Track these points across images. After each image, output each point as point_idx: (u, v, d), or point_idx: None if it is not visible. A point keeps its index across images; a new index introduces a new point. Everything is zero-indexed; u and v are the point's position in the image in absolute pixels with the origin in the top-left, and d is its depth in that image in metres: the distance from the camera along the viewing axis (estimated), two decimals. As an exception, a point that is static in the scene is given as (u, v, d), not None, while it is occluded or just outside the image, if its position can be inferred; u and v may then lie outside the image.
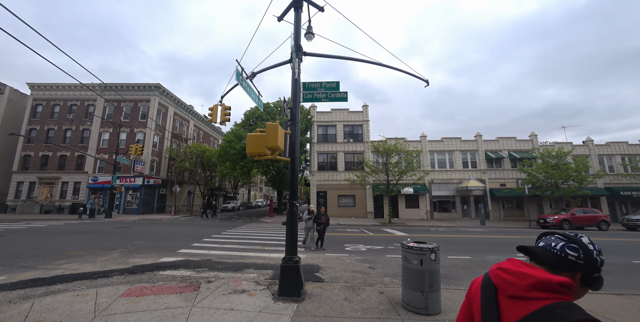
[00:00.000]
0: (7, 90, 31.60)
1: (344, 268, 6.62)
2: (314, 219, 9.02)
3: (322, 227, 9.02)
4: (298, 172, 5.00)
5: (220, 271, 6.23)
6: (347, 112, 28.30)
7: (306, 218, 8.98)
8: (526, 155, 25.99)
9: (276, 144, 4.20)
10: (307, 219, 8.99)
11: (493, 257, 8.07)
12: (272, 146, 4.23)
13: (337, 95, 5.42)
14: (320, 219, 9.00)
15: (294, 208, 4.77)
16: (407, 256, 4.05)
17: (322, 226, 9.01)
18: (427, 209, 26.03)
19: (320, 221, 8.98)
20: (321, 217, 9.01)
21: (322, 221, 8.99)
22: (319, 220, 8.99)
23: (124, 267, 6.29)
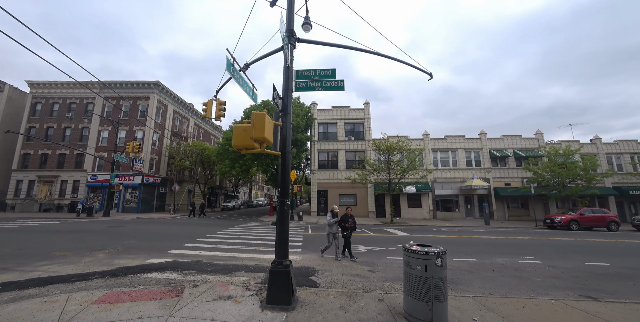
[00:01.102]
0: (6, 88, 31.45)
1: (341, 271, 6.19)
2: (338, 223, 7.47)
3: (349, 233, 7.45)
4: (290, 167, 4.57)
5: (208, 273, 5.83)
6: (349, 109, 27.82)
7: (331, 222, 7.38)
8: (532, 153, 25.37)
9: (262, 135, 3.77)
10: (333, 223, 7.38)
11: (501, 260, 7.59)
12: (258, 138, 3.80)
13: (332, 84, 4.97)
14: (347, 222, 7.42)
15: (284, 207, 4.34)
16: (409, 260, 3.61)
17: (349, 231, 7.44)
18: (430, 209, 25.52)
19: (348, 225, 7.42)
20: (348, 220, 7.42)
21: (349, 224, 7.44)
22: (346, 223, 7.41)
23: (107, 269, 5.91)
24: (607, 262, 7.52)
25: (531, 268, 6.75)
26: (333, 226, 7.42)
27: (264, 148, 4.17)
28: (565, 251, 9.36)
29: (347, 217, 7.46)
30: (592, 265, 7.24)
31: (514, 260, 7.59)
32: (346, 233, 7.45)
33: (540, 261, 7.60)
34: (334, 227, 7.42)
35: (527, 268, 6.75)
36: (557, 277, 6.06)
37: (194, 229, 13.56)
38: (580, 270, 6.70)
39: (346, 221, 7.42)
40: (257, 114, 3.87)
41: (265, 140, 3.88)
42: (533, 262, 7.43)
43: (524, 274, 6.20)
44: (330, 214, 7.54)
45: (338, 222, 7.41)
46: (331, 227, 7.45)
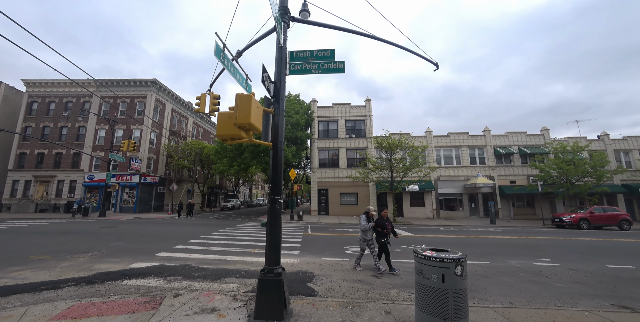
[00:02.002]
0: (2, 87, 31.05)
1: (342, 276, 5.62)
2: (374, 227, 6.23)
3: (387, 239, 6.15)
4: (282, 159, 3.99)
5: (195, 279, 5.27)
6: (349, 106, 27.22)
7: (367, 227, 6.09)
8: (538, 150, 24.69)
9: (248, 121, 3.20)
10: (369, 228, 6.13)
11: (515, 263, 7.00)
12: (242, 123, 3.23)
13: (331, 66, 4.39)
14: (384, 227, 6.14)
15: (276, 205, 3.77)
16: (422, 268, 3.03)
17: (387, 237, 6.17)
18: (433, 208, 24.92)
19: (386, 231, 6.13)
20: (385, 224, 6.16)
21: (388, 229, 6.17)
22: (383, 229, 6.11)
23: (84, 276, 5.37)
24: (632, 265, 6.92)
25: (550, 272, 6.15)
26: (368, 232, 6.19)
27: (252, 137, 3.60)
28: (581, 252, 8.75)
29: (383, 220, 6.22)
30: (616, 268, 6.65)
31: (529, 262, 7.00)
32: (384, 240, 6.11)
33: (557, 263, 7.01)
34: (369, 233, 6.21)
35: (546, 272, 6.16)
36: (581, 282, 5.47)
37: (189, 229, 13.02)
38: (604, 274, 6.10)
39: (383, 225, 6.13)
40: (241, 95, 3.30)
41: (252, 127, 3.31)
42: (551, 265, 6.83)
43: (544, 279, 5.61)
44: (365, 216, 6.23)
45: (374, 226, 6.19)
46: (365, 233, 6.18)
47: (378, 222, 6.21)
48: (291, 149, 23.08)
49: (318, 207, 25.34)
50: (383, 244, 6.12)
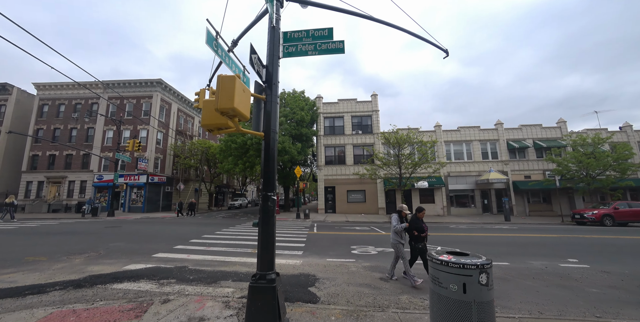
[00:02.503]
0: (14, 91, 31.74)
1: (347, 279, 5.17)
2: (408, 229, 5.24)
3: (424, 245, 5.14)
4: (275, 151, 3.56)
5: (189, 283, 4.92)
6: (355, 102, 26.60)
7: (399, 228, 5.15)
8: (554, 143, 23.52)
9: (231, 106, 2.76)
10: (401, 230, 5.19)
11: (538, 264, 6.39)
12: (225, 109, 2.79)
13: (330, 46, 3.92)
14: (421, 229, 5.10)
15: (268, 203, 3.34)
16: (438, 275, 2.55)
17: (424, 242, 5.14)
18: (444, 204, 24.13)
19: (423, 234, 5.10)
20: (422, 226, 5.14)
21: (425, 232, 5.15)
22: (420, 232, 5.09)
23: (75, 278, 5.10)
24: (672, 266, 6.21)
25: (580, 275, 5.54)
26: (403, 234, 5.27)
27: (239, 126, 3.16)
28: (610, 251, 8.02)
29: (420, 222, 5.19)
30: (653, 269, 5.96)
31: (554, 264, 6.38)
32: (421, 246, 5.09)
33: (586, 264, 6.36)
34: (405, 235, 5.31)
35: (575, 275, 5.54)
36: (617, 287, 4.85)
37: (192, 229, 12.81)
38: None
39: (420, 227, 5.11)
40: (224, 76, 2.87)
41: (237, 112, 2.87)
42: (579, 266, 6.19)
43: (574, 283, 5.02)
44: (397, 216, 5.32)
45: (408, 228, 5.20)
46: (400, 236, 5.22)
47: (414, 224, 5.16)
48: (296, 147, 22.69)
49: (325, 205, 24.92)
50: (418, 251, 5.12)
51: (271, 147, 3.50)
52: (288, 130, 22.89)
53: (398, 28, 5.42)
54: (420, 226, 5.13)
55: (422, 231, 5.10)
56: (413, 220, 5.24)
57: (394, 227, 5.25)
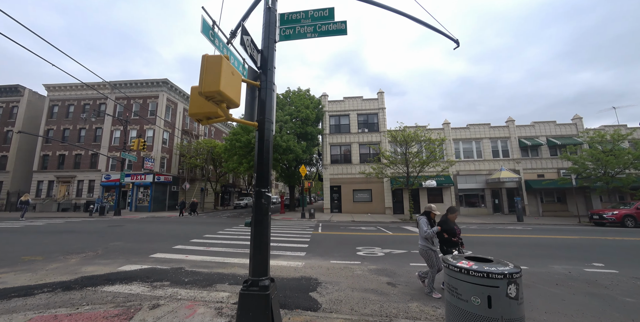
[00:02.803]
0: (26, 92, 32.42)
1: (352, 284, 4.80)
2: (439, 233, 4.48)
3: (459, 250, 4.43)
4: (271, 143, 3.22)
5: (183, 286, 4.63)
6: (361, 100, 26.12)
7: (430, 233, 4.34)
8: (570, 141, 22.55)
9: (217, 89, 2.43)
10: (433, 234, 4.35)
11: (560, 268, 5.89)
12: (210, 93, 2.46)
13: (330, 28, 3.55)
14: (453, 232, 4.40)
15: (262, 200, 3.00)
16: (457, 285, 2.16)
17: (457, 248, 4.43)
18: (453, 204, 23.43)
19: (455, 238, 4.40)
20: (454, 229, 4.43)
21: (456, 235, 4.43)
22: (452, 236, 4.39)
23: (66, 280, 4.88)
24: None
25: (609, 281, 5.03)
26: (434, 240, 4.49)
27: (229, 114, 2.83)
28: (638, 255, 7.42)
29: (452, 224, 4.44)
30: (691, 276, 5.39)
31: (578, 268, 5.86)
32: (454, 252, 4.37)
33: (614, 269, 5.82)
34: (436, 241, 4.51)
35: (604, 281, 5.04)
36: (654, 295, 4.34)
37: (195, 228, 12.63)
38: (680, 283, 4.90)
39: (452, 230, 4.37)
40: (209, 56, 2.54)
41: (224, 97, 2.54)
42: (606, 271, 5.67)
43: (604, 291, 4.52)
44: (425, 219, 4.53)
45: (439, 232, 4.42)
46: (431, 241, 4.43)
47: (444, 225, 4.42)
48: (301, 145, 22.40)
49: (331, 204, 24.56)
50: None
51: (266, 138, 3.16)
52: (293, 128, 22.61)
53: (405, 15, 5.01)
54: (451, 228, 4.40)
55: (453, 234, 4.38)
56: (443, 222, 4.52)
57: (424, 233, 4.39)
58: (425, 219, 4.56)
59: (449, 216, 4.57)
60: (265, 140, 3.15)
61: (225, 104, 2.67)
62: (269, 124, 3.22)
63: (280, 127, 21.76)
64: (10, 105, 31.96)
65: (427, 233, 4.39)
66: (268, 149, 3.16)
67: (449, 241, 4.41)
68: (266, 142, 3.15)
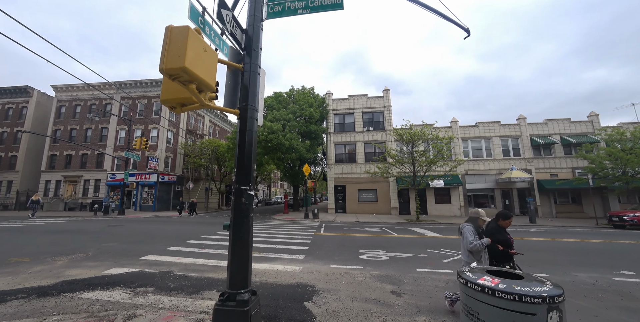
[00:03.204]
0: (35, 93, 32.90)
1: (352, 292, 4.35)
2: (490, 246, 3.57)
3: (512, 266, 3.57)
4: (254, 134, 2.79)
5: (167, 293, 4.26)
6: (366, 98, 25.57)
7: (479, 245, 3.40)
8: (585, 139, 21.55)
9: (181, 65, 2.01)
10: (482, 247, 3.42)
11: (586, 276, 5.30)
12: (172, 69, 2.05)
13: (325, 1, 3.11)
14: (508, 243, 3.52)
15: (242, 199, 2.58)
16: (477, 308, 1.69)
17: (512, 264, 3.58)
18: (461, 204, 22.70)
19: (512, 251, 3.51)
20: (508, 239, 3.56)
21: (512, 246, 3.56)
22: (507, 247, 3.50)
23: (45, 285, 4.56)
24: None
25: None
26: (482, 254, 3.55)
27: (204, 99, 2.42)
28: (669, 260, 6.74)
29: (504, 232, 3.57)
30: None
31: (606, 277, 5.27)
32: (509, 267, 3.44)
33: (646, 277, 5.21)
34: (484, 256, 3.55)
35: (639, 293, 4.45)
36: (701, 310, 3.75)
37: (194, 228, 12.34)
38: None
39: (504, 239, 3.47)
40: (173, 27, 2.13)
41: (193, 77, 2.12)
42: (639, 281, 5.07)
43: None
44: (472, 227, 3.57)
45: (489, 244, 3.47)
46: (479, 255, 3.53)
47: (496, 234, 3.50)
48: (305, 144, 21.99)
49: (335, 204, 24.09)
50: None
51: (248, 128, 2.74)
52: (296, 127, 22.22)
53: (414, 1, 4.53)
54: (505, 238, 3.48)
55: (508, 245, 3.45)
56: (494, 229, 3.60)
57: (470, 245, 3.40)
58: (472, 228, 3.58)
59: (502, 222, 3.60)
60: (247, 131, 2.73)
61: (195, 85, 2.25)
62: (253, 111, 2.80)
63: (283, 125, 21.40)
64: (19, 106, 32.48)
65: (474, 245, 3.38)
66: (251, 141, 2.74)
67: (504, 254, 3.42)
68: (249, 133, 2.73)
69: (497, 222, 3.69)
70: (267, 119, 22.21)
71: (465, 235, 3.60)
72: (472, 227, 3.62)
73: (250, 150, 2.72)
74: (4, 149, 31.37)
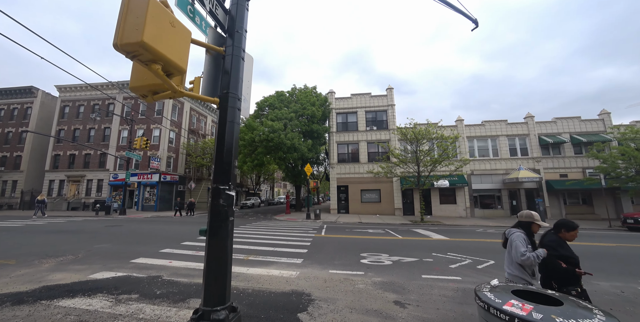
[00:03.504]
0: (39, 93, 33.11)
1: (351, 302, 3.98)
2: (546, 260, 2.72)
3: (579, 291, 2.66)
4: (236, 127, 2.45)
5: (152, 300, 3.94)
6: (369, 96, 25.14)
7: (533, 258, 2.64)
8: (597, 138, 20.84)
9: (139, 39, 1.66)
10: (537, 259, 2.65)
11: (608, 285, 4.86)
12: (127, 44, 1.70)
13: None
14: (572, 260, 2.70)
15: (220, 200, 2.24)
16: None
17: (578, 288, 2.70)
18: (467, 205, 22.15)
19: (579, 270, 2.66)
20: (571, 251, 2.76)
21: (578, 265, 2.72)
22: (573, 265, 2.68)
23: (24, 290, 4.28)
24: None
25: (677, 304, 4.00)
26: (535, 269, 2.85)
27: (173, 84, 2.07)
28: (696, 267, 6.24)
29: (565, 244, 2.82)
30: None
31: (631, 287, 4.82)
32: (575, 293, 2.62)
33: (675, 287, 4.75)
34: (536, 271, 2.86)
35: (670, 304, 4.01)
36: None
37: (192, 229, 12.08)
38: None
39: (568, 256, 2.72)
40: (131, -4, 1.79)
41: (156, 55, 1.78)
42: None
43: (676, 319, 3.52)
44: (523, 235, 2.87)
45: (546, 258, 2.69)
46: (531, 271, 2.81)
47: (558, 249, 2.75)
48: (307, 143, 21.66)
49: (338, 205, 23.70)
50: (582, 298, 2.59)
51: (229, 119, 2.39)
52: (298, 126, 21.90)
53: None
54: (571, 255, 2.72)
55: (575, 263, 2.68)
56: (555, 243, 2.80)
57: (522, 257, 2.64)
58: (524, 236, 2.83)
59: (565, 234, 2.83)
60: (228, 122, 2.39)
61: (161, 66, 1.91)
62: (235, 100, 2.45)
63: (284, 124, 21.10)
64: (24, 106, 32.72)
65: (526, 258, 2.60)
66: (232, 134, 2.39)
67: (569, 274, 2.63)
68: (229, 125, 2.39)
69: (557, 233, 2.90)
70: (268, 118, 21.94)
71: (515, 244, 2.78)
72: (523, 235, 2.85)
73: (231, 144, 2.38)
74: (9, 149, 31.62)
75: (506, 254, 3.01)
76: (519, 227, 3.03)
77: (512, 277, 2.90)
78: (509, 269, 2.94)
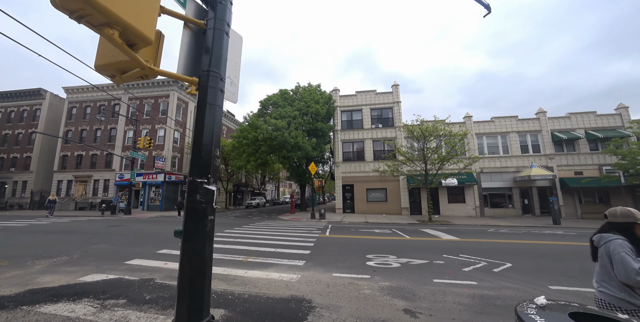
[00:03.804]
0: (47, 95, 33.62)
1: (355, 310, 3.60)
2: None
3: None
4: (219, 110, 2.10)
5: (139, 306, 3.64)
6: (375, 94, 24.64)
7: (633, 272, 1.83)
8: (614, 133, 19.92)
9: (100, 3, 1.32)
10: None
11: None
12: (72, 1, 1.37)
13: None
14: None
15: (196, 196, 1.89)
16: None
17: None
18: (476, 204, 21.48)
19: None
20: None
21: None
22: None
23: (8, 294, 4.04)
24: None
25: None
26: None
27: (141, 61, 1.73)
28: None
29: None
30: None
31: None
32: None
33: None
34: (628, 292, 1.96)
35: None
36: None
37: (196, 229, 11.84)
38: None
39: None
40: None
41: (108, 15, 1.43)
42: None
43: None
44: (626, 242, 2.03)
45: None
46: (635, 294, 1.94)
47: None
48: (311, 142, 21.32)
49: (343, 204, 23.30)
50: None
51: (209, 101, 2.04)
52: (302, 124, 21.58)
53: None
54: None
55: None
56: None
57: (632, 272, 1.87)
58: (628, 244, 2.03)
59: None
60: (208, 105, 2.04)
61: (118, 32, 1.56)
62: (217, 80, 2.10)
63: (288, 123, 20.79)
64: (33, 108, 33.26)
65: (632, 271, 1.88)
66: (213, 118, 2.04)
67: None
68: (210, 108, 2.04)
69: None
70: (272, 116, 21.67)
71: (619, 257, 1.96)
72: (627, 243, 2.02)
73: (211, 130, 2.03)
74: (19, 150, 32.18)
75: (597, 268, 2.21)
76: (615, 229, 2.16)
77: (610, 299, 2.05)
78: (605, 288, 2.10)
